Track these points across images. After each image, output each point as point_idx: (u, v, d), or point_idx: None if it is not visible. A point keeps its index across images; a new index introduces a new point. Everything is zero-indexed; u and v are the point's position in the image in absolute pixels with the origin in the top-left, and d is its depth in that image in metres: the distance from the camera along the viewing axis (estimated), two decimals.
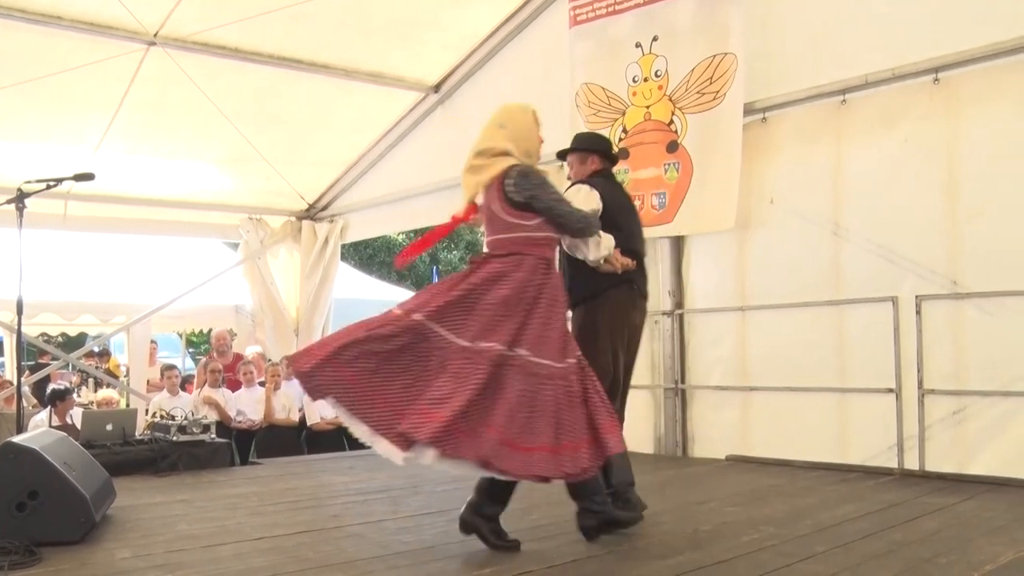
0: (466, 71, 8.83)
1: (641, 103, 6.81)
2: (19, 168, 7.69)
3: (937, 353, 5.53)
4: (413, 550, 3.83)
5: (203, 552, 3.78)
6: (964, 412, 5.39)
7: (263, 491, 5.48)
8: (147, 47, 7.56)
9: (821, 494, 5.02)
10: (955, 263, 5.46)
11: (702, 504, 4.80)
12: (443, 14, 8.09)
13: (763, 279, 6.44)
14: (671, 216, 6.60)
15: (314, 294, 10.86)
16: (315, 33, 7.93)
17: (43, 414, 7.72)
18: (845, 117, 6.00)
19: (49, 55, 7.30)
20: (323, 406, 8.31)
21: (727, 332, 6.66)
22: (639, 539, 3.90)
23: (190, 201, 10.17)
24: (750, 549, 3.66)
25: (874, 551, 3.59)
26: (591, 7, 7.11)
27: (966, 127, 5.43)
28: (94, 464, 4.64)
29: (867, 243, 5.85)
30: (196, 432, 6.40)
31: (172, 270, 10.94)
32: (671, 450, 6.88)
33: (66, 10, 7.01)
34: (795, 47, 6.28)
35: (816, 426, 6.08)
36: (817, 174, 6.13)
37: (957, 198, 5.45)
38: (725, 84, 6.32)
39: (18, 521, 3.79)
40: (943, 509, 4.48)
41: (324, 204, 10.91)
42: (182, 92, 8.12)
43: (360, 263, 20.92)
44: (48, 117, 8.12)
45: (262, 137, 9.12)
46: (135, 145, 8.81)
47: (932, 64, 5.52)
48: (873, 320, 5.80)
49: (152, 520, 4.48)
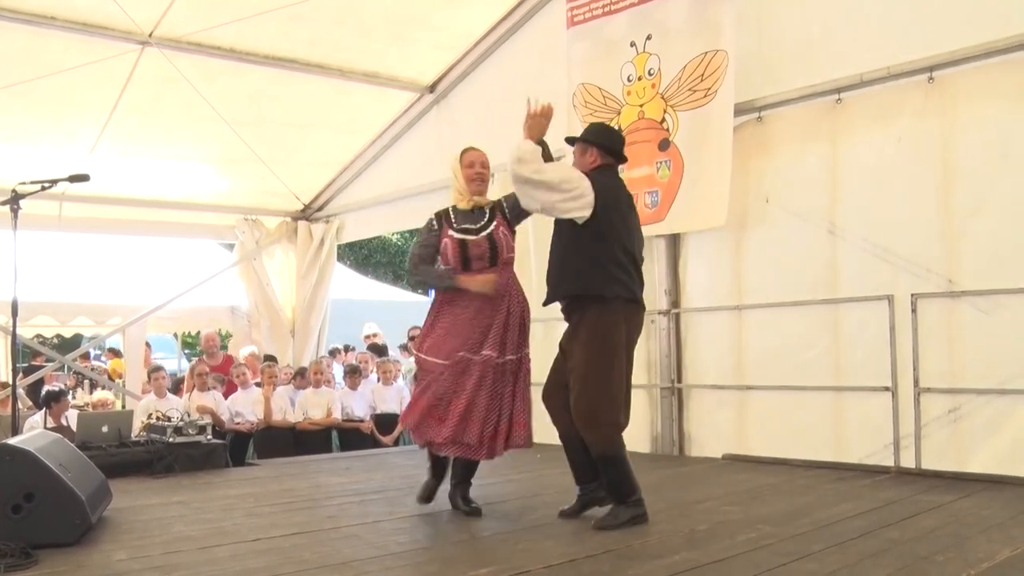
0: (461, 71, 8.83)
1: (635, 102, 6.81)
2: (14, 169, 7.66)
3: (933, 351, 5.54)
4: (409, 550, 3.82)
5: (200, 553, 3.77)
6: (960, 410, 5.40)
7: (259, 492, 5.47)
8: (141, 47, 7.55)
9: (818, 493, 5.02)
10: (950, 261, 5.47)
11: (699, 503, 4.80)
12: (438, 14, 8.08)
13: (759, 278, 6.44)
14: (663, 214, 6.61)
15: (310, 295, 10.85)
16: (310, 33, 7.92)
17: (38, 416, 7.70)
18: (840, 116, 6.01)
19: (43, 56, 7.29)
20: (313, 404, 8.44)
21: (723, 331, 6.66)
22: (636, 538, 3.90)
23: (185, 202, 10.17)
24: (747, 548, 3.66)
25: (871, 549, 3.60)
26: (588, 7, 7.11)
27: (961, 126, 5.43)
28: (90, 466, 4.63)
29: (863, 242, 5.85)
30: (192, 433, 6.39)
31: (167, 271, 10.93)
32: (668, 449, 6.88)
33: (60, 10, 7.00)
34: (790, 46, 6.29)
35: (813, 425, 6.08)
36: (813, 173, 6.13)
37: (952, 196, 5.46)
38: (716, 81, 6.32)
39: (14, 523, 3.78)
40: (940, 507, 4.49)
41: (320, 204, 10.90)
42: (177, 92, 8.11)
43: (356, 263, 20.91)
44: (43, 118, 8.11)
45: (257, 137, 9.11)
46: (130, 146, 8.80)
47: (927, 63, 5.52)
48: (869, 319, 5.81)
49: (148, 522, 4.47)
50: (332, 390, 8.77)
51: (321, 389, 8.61)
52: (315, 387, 8.61)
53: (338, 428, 8.56)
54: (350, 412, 8.56)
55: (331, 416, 8.46)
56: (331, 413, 8.47)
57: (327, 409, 8.48)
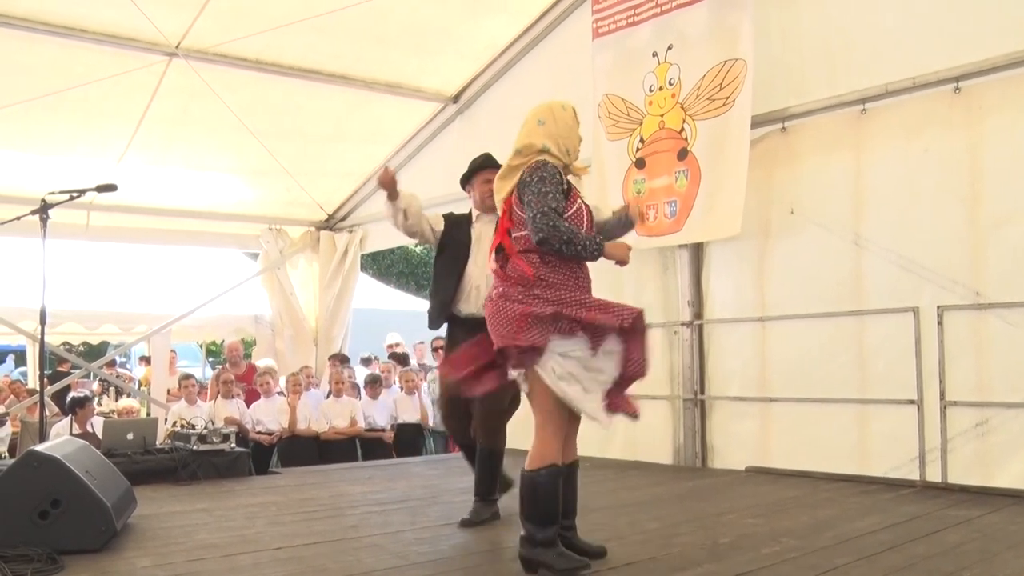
0: (485, 82, 8.86)
1: (656, 112, 6.81)
2: (43, 179, 7.76)
3: (960, 364, 5.48)
4: (431, 561, 3.82)
5: (222, 561, 3.79)
6: (988, 424, 5.34)
7: (282, 501, 5.49)
8: (169, 59, 7.63)
9: (842, 506, 4.98)
10: (978, 273, 5.41)
11: (721, 515, 4.77)
12: (461, 24, 8.12)
13: (783, 289, 6.40)
14: (681, 224, 6.58)
15: (333, 304, 10.90)
16: (334, 45, 7.98)
17: (64, 422, 7.79)
18: (865, 127, 5.97)
19: (72, 67, 7.39)
20: (336, 413, 8.47)
21: (747, 342, 6.62)
22: (658, 550, 3.88)
23: (210, 212, 10.25)
24: (771, 561, 3.64)
25: (897, 564, 3.56)
26: (612, 19, 7.12)
27: (988, 136, 5.38)
28: (115, 473, 4.67)
29: (888, 253, 5.81)
30: (216, 441, 6.43)
31: (192, 280, 11.02)
32: (690, 461, 6.85)
33: (89, 23, 7.10)
34: (814, 56, 6.27)
35: (836, 437, 6.03)
36: (837, 184, 6.10)
37: (979, 208, 5.41)
38: (735, 90, 6.29)
39: (41, 529, 3.82)
40: (966, 522, 4.43)
41: (343, 215, 10.96)
42: (203, 103, 8.20)
43: (378, 273, 20.98)
44: (71, 129, 8.21)
45: (282, 148, 9.18)
46: (157, 156, 8.89)
47: (953, 73, 5.48)
48: (894, 331, 5.76)
49: (172, 529, 4.50)
50: (355, 399, 8.81)
51: (343, 399, 8.64)
52: (337, 396, 8.64)
53: (360, 437, 8.60)
54: (372, 421, 8.59)
55: (355, 425, 8.50)
56: (355, 422, 8.51)
57: (351, 418, 8.51)
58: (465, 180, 4.95)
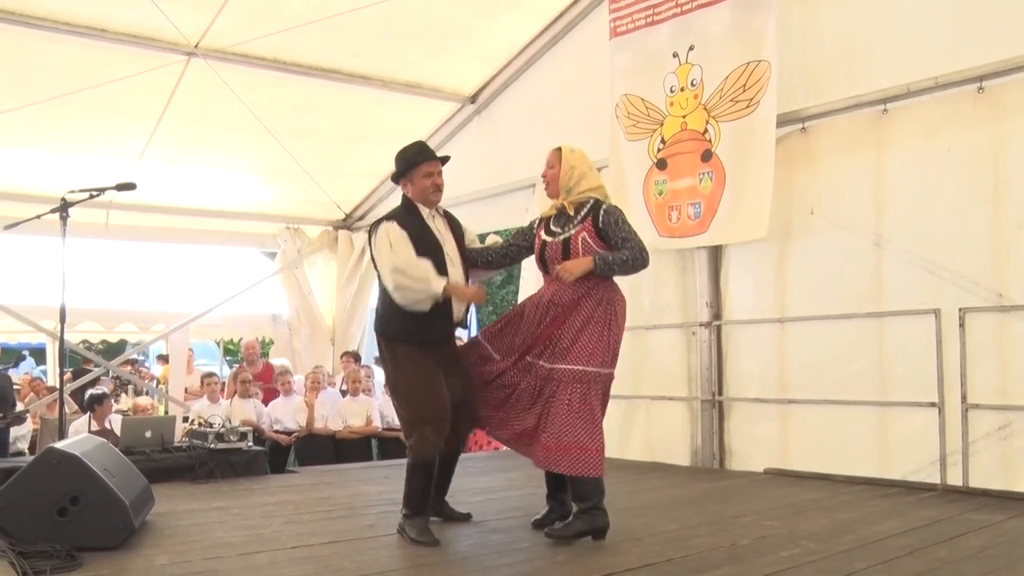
0: (503, 81, 8.85)
1: (678, 113, 6.77)
2: (63, 178, 7.83)
3: (982, 367, 5.42)
4: (448, 560, 3.81)
5: (239, 560, 3.79)
6: (1010, 427, 5.27)
7: (299, 499, 5.50)
8: (188, 58, 7.67)
9: (862, 509, 4.93)
10: (1000, 275, 5.35)
11: (740, 518, 4.73)
12: (479, 24, 8.12)
13: (803, 290, 6.35)
14: (706, 226, 6.54)
15: (351, 304, 10.94)
16: (352, 44, 8.00)
17: (82, 419, 7.83)
18: (886, 127, 5.92)
19: (93, 67, 7.44)
20: (352, 413, 8.48)
21: (766, 344, 6.57)
22: (676, 552, 3.86)
23: (229, 211, 10.31)
24: (790, 564, 3.60)
25: (918, 568, 3.52)
26: (631, 18, 7.09)
27: (1012, 136, 5.31)
28: (133, 471, 4.69)
29: (909, 255, 5.75)
30: (233, 440, 6.44)
31: (210, 279, 11.06)
32: (708, 463, 6.81)
33: (110, 23, 7.14)
34: (835, 56, 6.21)
35: (856, 440, 5.98)
36: (858, 184, 6.04)
37: (1002, 209, 5.34)
38: (759, 92, 6.25)
39: (59, 526, 3.83)
40: (989, 526, 4.38)
41: (361, 214, 10.98)
42: (221, 103, 8.24)
43: None
44: (91, 128, 8.27)
45: (300, 147, 9.20)
46: (176, 155, 8.94)
47: (976, 73, 5.42)
48: (915, 333, 5.70)
49: (189, 527, 4.51)
50: (371, 399, 8.81)
51: (360, 398, 8.65)
52: (353, 396, 8.65)
53: (378, 437, 8.60)
54: (389, 421, 8.59)
55: (371, 424, 8.50)
56: (371, 421, 8.52)
57: (367, 417, 8.52)
58: (401, 173, 4.52)
